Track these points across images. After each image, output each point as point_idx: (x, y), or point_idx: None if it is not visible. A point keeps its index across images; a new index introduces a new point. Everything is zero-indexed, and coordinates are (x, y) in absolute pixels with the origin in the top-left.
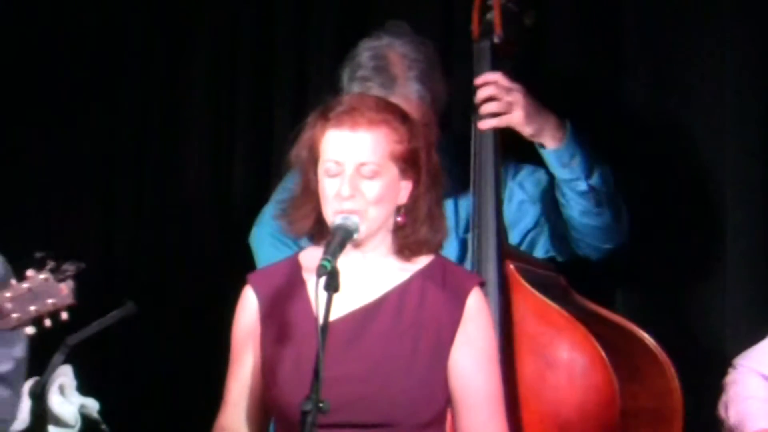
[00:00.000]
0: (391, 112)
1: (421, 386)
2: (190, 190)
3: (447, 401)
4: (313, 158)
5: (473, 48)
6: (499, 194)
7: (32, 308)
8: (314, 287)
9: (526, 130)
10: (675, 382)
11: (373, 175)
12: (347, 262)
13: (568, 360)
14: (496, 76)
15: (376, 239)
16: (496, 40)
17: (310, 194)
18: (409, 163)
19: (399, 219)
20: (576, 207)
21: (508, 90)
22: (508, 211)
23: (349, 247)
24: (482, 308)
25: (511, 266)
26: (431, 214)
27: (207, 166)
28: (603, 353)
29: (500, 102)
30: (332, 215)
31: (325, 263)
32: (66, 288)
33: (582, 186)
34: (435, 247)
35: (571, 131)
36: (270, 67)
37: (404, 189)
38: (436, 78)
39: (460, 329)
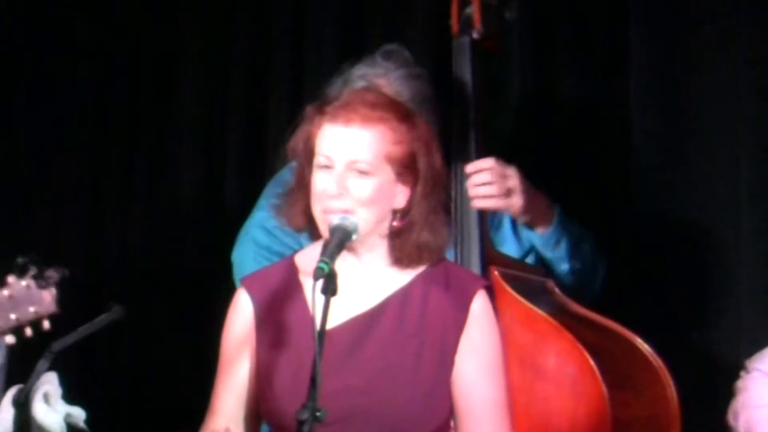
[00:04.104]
0: (391, 111)
1: (425, 397)
2: (182, 191)
3: (450, 411)
4: (309, 152)
5: (452, 44)
6: None
7: (12, 316)
8: (311, 291)
9: (522, 219)
10: (670, 389)
11: (364, 174)
12: (344, 267)
13: (556, 369)
14: (490, 163)
15: (368, 243)
16: (475, 35)
17: (304, 189)
18: (406, 166)
19: (395, 223)
20: (557, 272)
21: (505, 176)
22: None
23: (344, 252)
24: (487, 312)
25: (496, 272)
26: (429, 219)
27: (199, 165)
28: (591, 361)
29: (498, 187)
30: (319, 213)
31: (323, 265)
32: (48, 296)
33: (564, 267)
34: (435, 253)
35: (559, 216)
36: (265, 62)
37: (401, 193)
38: (426, 114)
39: (464, 335)
